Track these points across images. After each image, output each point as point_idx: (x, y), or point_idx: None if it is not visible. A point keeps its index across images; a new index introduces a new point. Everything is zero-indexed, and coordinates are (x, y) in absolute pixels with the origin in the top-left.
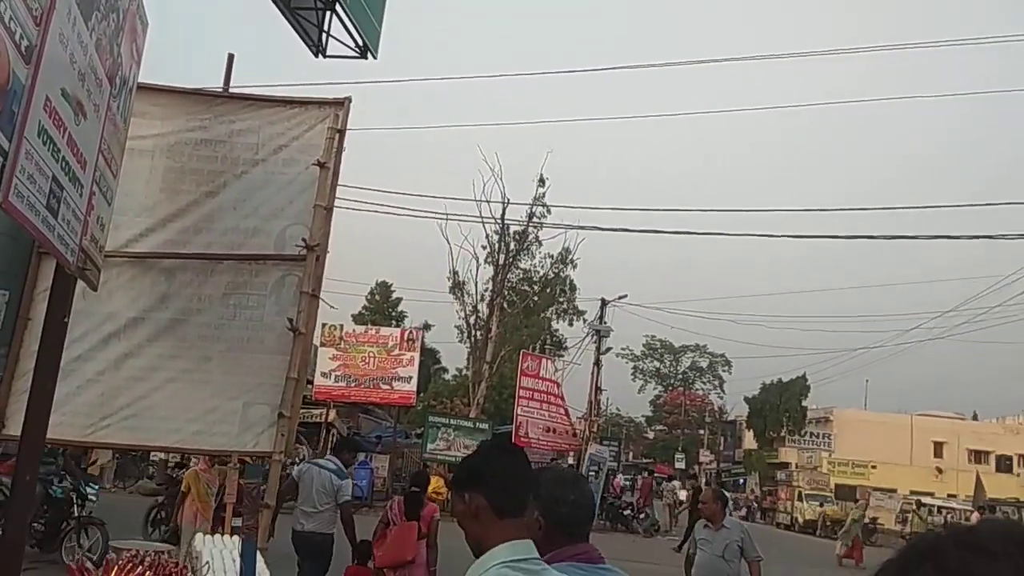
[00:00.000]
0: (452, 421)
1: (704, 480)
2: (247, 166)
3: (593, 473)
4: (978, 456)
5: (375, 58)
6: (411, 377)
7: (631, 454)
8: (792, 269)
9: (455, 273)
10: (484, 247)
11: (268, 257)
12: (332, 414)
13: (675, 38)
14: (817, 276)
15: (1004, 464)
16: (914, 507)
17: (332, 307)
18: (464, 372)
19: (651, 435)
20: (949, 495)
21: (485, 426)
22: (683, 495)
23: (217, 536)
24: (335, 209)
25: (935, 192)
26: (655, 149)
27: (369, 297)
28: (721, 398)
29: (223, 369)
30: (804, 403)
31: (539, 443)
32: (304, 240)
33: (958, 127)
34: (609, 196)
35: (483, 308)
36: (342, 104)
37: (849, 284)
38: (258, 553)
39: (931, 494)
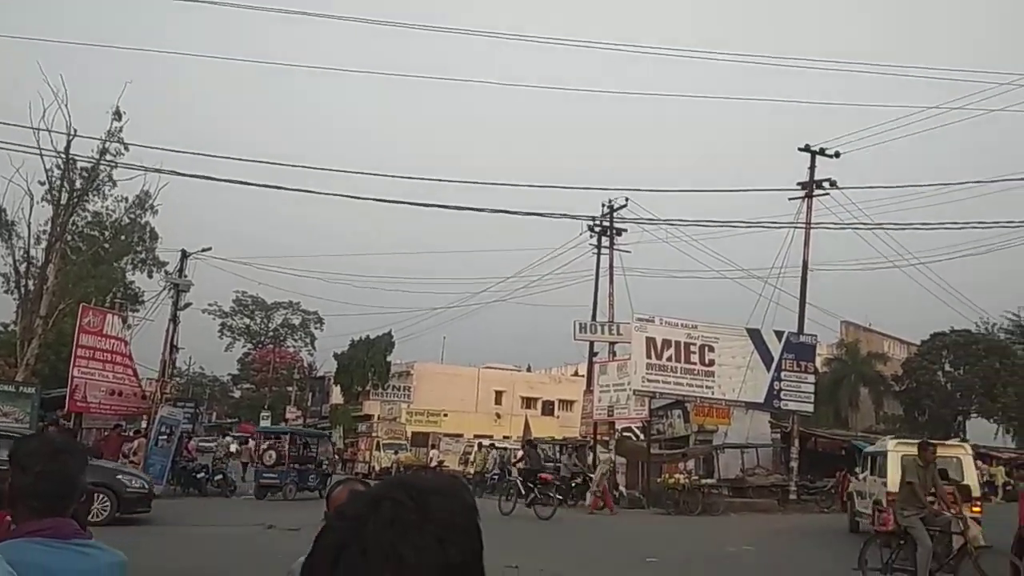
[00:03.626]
0: None
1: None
2: None
3: (164, 436)
4: (529, 402)
5: None
6: None
7: (215, 414)
8: (382, 232)
9: (2, 211)
10: (42, 182)
11: None
12: None
13: None
14: (406, 240)
15: (548, 408)
16: (475, 448)
17: None
18: (11, 327)
19: (238, 394)
20: (504, 436)
21: (31, 390)
22: (233, 447)
23: None
24: None
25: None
26: (259, 96)
27: None
28: (312, 355)
29: None
30: (389, 358)
31: (100, 407)
32: None
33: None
34: (199, 142)
35: (38, 253)
36: None
37: (431, 250)
38: None
39: (491, 436)
